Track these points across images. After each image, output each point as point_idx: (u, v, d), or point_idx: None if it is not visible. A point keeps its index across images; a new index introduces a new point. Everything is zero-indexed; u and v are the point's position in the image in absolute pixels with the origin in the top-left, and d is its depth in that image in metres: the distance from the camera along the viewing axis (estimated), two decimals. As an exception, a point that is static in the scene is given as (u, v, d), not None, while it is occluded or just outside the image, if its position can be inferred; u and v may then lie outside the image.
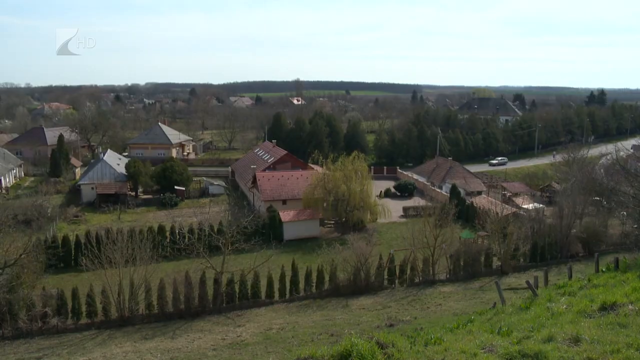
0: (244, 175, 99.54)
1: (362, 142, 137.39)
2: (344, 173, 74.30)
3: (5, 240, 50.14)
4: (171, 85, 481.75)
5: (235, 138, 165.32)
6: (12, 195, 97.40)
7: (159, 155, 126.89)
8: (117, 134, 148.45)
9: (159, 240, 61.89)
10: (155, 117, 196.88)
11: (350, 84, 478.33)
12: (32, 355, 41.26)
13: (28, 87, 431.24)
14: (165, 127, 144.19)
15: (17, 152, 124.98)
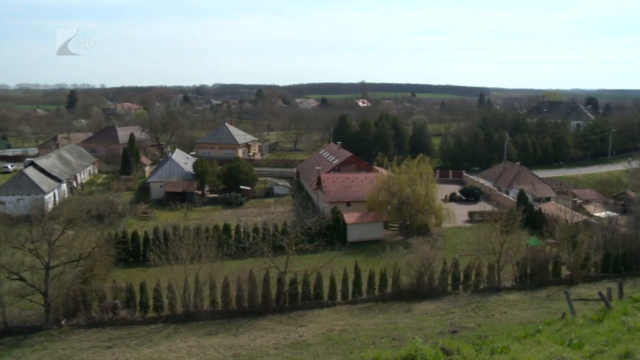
0: (308, 177, 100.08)
1: (427, 145, 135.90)
2: (408, 176, 73.67)
3: (80, 234, 52.24)
4: (238, 86, 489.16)
5: (300, 139, 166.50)
6: (87, 191, 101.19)
7: (226, 155, 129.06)
8: (185, 134, 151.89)
9: (224, 238, 62.99)
10: (222, 118, 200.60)
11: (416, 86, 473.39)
12: (103, 344, 42.83)
13: (103, 88, 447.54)
14: (231, 128, 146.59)
15: (92, 150, 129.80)
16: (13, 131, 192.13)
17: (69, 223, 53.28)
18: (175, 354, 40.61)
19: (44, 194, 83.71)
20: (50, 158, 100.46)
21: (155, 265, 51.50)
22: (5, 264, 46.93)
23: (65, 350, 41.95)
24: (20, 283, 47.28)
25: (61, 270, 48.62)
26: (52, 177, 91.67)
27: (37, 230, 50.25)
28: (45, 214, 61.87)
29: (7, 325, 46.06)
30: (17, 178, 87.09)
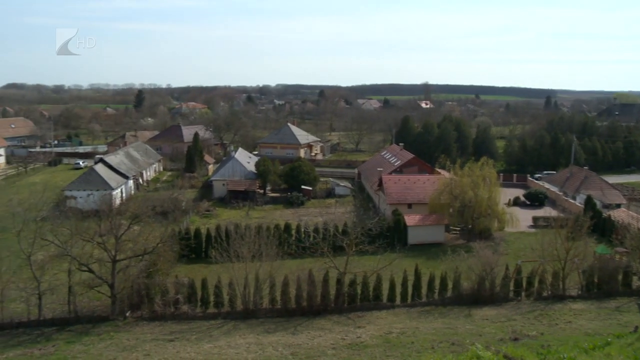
0: (370, 178, 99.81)
1: (491, 148, 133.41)
2: (471, 179, 72.51)
3: (145, 230, 53.69)
4: (301, 86, 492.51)
5: (362, 140, 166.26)
6: (152, 188, 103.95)
7: (288, 154, 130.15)
8: (248, 133, 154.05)
9: (285, 237, 63.59)
10: (285, 118, 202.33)
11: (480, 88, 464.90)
12: (165, 337, 43.97)
13: (169, 88, 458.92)
14: (294, 128, 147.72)
15: (157, 148, 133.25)
16: (84, 129, 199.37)
17: (135, 218, 54.85)
18: (234, 350, 41.24)
19: (112, 189, 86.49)
20: (119, 155, 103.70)
21: (217, 262, 52.52)
22: (76, 256, 48.81)
23: (130, 341, 43.27)
24: (89, 274, 49.12)
25: (127, 264, 50.17)
26: (119, 174, 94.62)
27: (105, 224, 51.92)
28: (113, 209, 63.85)
29: (77, 314, 48.03)
30: (88, 174, 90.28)
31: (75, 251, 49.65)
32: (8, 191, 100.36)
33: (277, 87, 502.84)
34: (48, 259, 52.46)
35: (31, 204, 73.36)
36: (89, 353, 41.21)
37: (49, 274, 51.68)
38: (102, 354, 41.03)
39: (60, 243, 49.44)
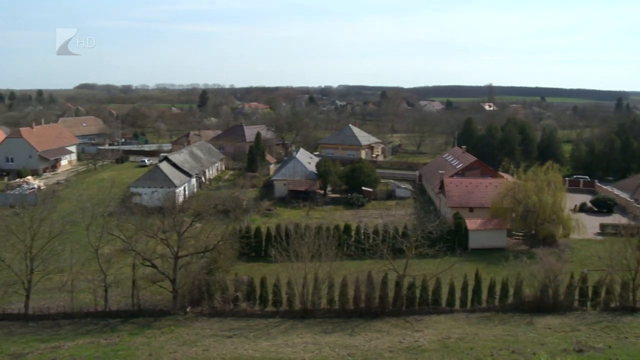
0: (431, 180, 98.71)
1: (557, 152, 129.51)
2: (535, 183, 70.68)
3: (207, 227, 54.72)
4: (362, 87, 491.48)
5: (424, 142, 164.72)
6: (214, 186, 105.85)
7: (349, 155, 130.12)
8: (309, 134, 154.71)
9: (345, 238, 63.54)
10: (346, 119, 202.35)
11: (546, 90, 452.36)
12: (224, 333, 44.71)
13: (232, 88, 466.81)
14: (355, 129, 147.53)
15: (220, 147, 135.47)
16: (150, 128, 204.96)
17: (197, 216, 56.00)
18: (291, 348, 41.52)
19: (175, 187, 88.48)
20: (182, 154, 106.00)
21: (276, 261, 52.98)
22: (140, 251, 50.20)
23: (190, 336, 44.20)
24: (152, 269, 50.45)
25: (188, 260, 51.23)
26: (183, 172, 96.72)
27: (168, 221, 53.19)
28: (176, 206, 65.40)
29: (140, 307, 49.47)
30: (153, 172, 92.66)
31: (139, 246, 51.11)
32: (78, 187, 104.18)
33: (339, 88, 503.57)
34: (114, 253, 54.27)
35: (99, 199, 76.21)
36: (151, 345, 42.32)
37: (115, 268, 53.54)
38: (163, 347, 42.05)
39: (125, 238, 50.98)
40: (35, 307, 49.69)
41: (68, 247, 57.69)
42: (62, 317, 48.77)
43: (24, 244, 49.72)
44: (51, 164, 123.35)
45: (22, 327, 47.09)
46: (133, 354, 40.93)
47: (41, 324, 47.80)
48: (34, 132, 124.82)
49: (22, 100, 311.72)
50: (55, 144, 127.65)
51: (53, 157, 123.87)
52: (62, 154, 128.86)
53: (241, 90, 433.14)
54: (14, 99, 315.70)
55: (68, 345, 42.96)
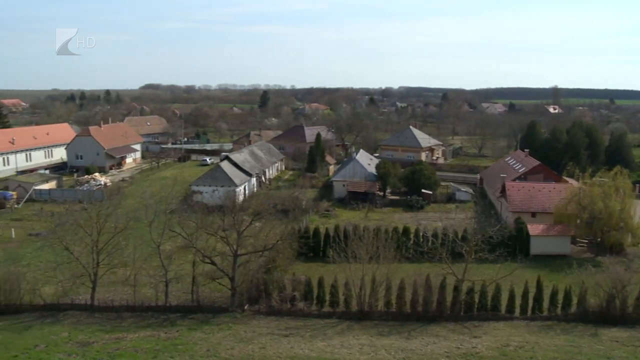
0: (492, 184, 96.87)
1: (626, 157, 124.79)
2: (602, 189, 68.37)
3: (266, 227, 55.24)
4: (423, 89, 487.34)
5: (485, 145, 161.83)
6: (274, 186, 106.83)
7: (409, 157, 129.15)
8: (369, 135, 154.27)
9: (403, 241, 63.11)
10: (407, 120, 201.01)
11: (616, 92, 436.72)
12: (281, 332, 45.05)
13: (292, 89, 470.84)
14: (416, 131, 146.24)
15: (280, 147, 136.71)
16: (212, 127, 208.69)
17: (256, 215, 56.61)
18: (347, 350, 41.48)
19: (236, 186, 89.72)
20: (243, 153, 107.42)
21: (334, 262, 53.07)
22: (200, 248, 51.14)
23: (247, 333, 44.72)
24: (211, 267, 51.31)
25: (247, 258, 51.88)
26: (243, 171, 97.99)
27: (228, 220, 53.92)
28: (236, 205, 66.10)
29: (199, 303, 50.44)
30: (214, 171, 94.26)
31: (200, 244, 52.06)
32: (142, 184, 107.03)
33: (399, 90, 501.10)
34: (175, 249, 55.44)
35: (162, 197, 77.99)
36: (209, 341, 43.05)
37: (176, 264, 54.76)
38: (220, 343, 42.71)
39: (186, 235, 52.03)
40: (101, 299, 51.51)
41: (132, 242, 59.35)
42: (125, 309, 50.30)
43: (91, 238, 51.59)
44: (117, 161, 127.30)
45: (88, 318, 48.90)
46: (191, 348, 41.74)
47: (105, 315, 49.44)
48: (101, 130, 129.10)
49: (91, 100, 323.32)
50: (121, 142, 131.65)
51: (119, 155, 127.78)
52: (128, 152, 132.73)
53: (302, 91, 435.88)
54: (84, 99, 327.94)
55: (130, 337, 44.23)
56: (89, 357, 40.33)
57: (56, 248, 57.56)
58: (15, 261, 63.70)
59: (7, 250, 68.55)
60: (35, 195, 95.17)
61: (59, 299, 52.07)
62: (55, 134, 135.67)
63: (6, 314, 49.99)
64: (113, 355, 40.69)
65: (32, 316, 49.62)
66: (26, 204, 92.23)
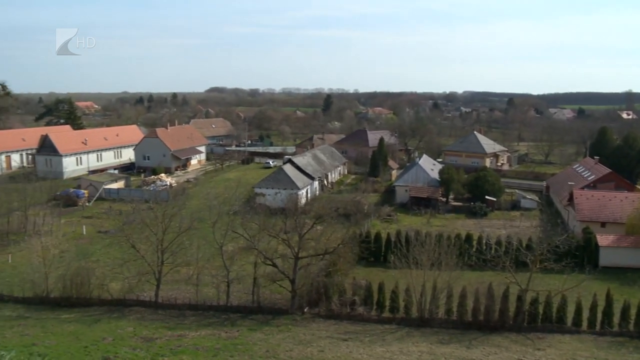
0: (559, 192, 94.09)
1: None
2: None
3: (328, 230, 55.40)
4: (488, 94, 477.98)
5: (552, 152, 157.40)
6: (336, 190, 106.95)
7: (472, 163, 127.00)
8: (432, 140, 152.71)
9: (466, 248, 62.04)
10: (471, 126, 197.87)
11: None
12: (340, 336, 45.03)
13: (356, 93, 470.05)
14: (480, 136, 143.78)
15: (343, 151, 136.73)
16: (275, 130, 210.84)
17: (318, 218, 56.81)
18: (406, 356, 41.08)
19: (298, 189, 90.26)
20: (306, 157, 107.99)
21: (395, 268, 52.65)
22: (262, 250, 51.70)
23: (306, 336, 44.89)
24: (272, 269, 51.80)
25: (308, 261, 52.13)
26: (306, 175, 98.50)
27: (290, 222, 54.35)
28: (298, 208, 66.66)
29: (260, 304, 51.01)
30: (277, 173, 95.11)
31: (261, 245, 52.65)
32: (206, 185, 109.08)
33: (464, 94, 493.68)
34: (237, 250, 56.30)
35: (225, 198, 79.34)
36: (268, 342, 43.41)
37: (237, 265, 55.58)
38: (279, 344, 43.01)
39: (249, 237, 52.74)
40: (164, 297, 52.78)
41: (195, 242, 60.54)
42: (188, 308, 51.41)
43: (156, 237, 52.96)
44: (182, 162, 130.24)
45: (152, 314, 50.27)
46: (251, 348, 42.19)
47: (169, 312, 50.66)
48: (168, 132, 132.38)
49: (159, 102, 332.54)
50: (186, 144, 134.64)
51: (184, 156, 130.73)
52: (193, 153, 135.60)
53: (365, 95, 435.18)
54: (152, 102, 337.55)
55: (192, 335, 45.11)
56: (152, 352, 41.35)
57: (123, 246, 59.48)
58: (85, 257, 66.07)
59: (79, 246, 71.24)
60: (104, 194, 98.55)
61: (125, 294, 53.75)
62: (124, 135, 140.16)
63: (77, 306, 52.43)
64: (175, 351, 41.58)
65: (101, 310, 51.53)
66: (96, 202, 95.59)
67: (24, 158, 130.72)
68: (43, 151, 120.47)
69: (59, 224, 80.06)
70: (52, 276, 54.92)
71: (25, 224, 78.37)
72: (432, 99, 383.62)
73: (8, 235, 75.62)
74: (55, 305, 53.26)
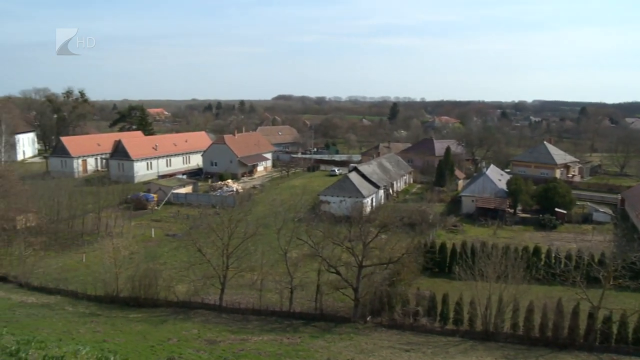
0: (636, 205, 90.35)
1: None
2: None
3: (392, 239, 55.05)
4: (559, 103, 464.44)
5: (628, 163, 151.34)
6: (401, 199, 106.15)
7: (542, 174, 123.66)
8: (500, 150, 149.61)
9: (534, 261, 60.22)
10: (541, 136, 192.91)
11: None
12: (402, 346, 44.52)
13: (422, 101, 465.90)
14: (550, 147, 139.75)
15: (409, 160, 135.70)
16: (341, 138, 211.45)
17: (383, 227, 56.46)
18: (471, 370, 40.20)
19: (363, 197, 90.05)
20: (371, 165, 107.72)
21: (460, 279, 51.78)
22: (326, 258, 51.78)
23: (367, 345, 44.58)
24: (336, 276, 51.81)
25: (372, 270, 51.86)
26: (371, 183, 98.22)
27: (354, 230, 54.24)
28: (363, 216, 66.41)
29: (322, 312, 51.09)
30: (342, 181, 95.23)
31: (325, 253, 52.75)
32: (272, 192, 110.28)
33: (533, 103, 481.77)
34: (301, 257, 56.59)
35: (290, 205, 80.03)
36: (330, 350, 43.34)
37: (301, 271, 55.88)
38: (341, 352, 42.87)
39: (313, 244, 52.95)
40: (228, 301, 53.61)
41: (260, 248, 61.27)
42: (251, 312, 52.04)
43: (222, 242, 53.88)
44: (249, 169, 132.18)
45: (216, 317, 51.13)
46: (312, 355, 42.21)
47: (232, 316, 51.40)
48: (235, 139, 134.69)
49: (227, 109, 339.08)
50: (253, 150, 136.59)
51: (251, 162, 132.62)
52: (259, 160, 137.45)
53: (432, 104, 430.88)
54: (220, 109, 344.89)
55: (254, 339, 45.53)
56: (216, 355, 41.93)
57: (190, 249, 60.85)
58: (153, 259, 67.92)
59: (147, 248, 73.31)
60: (173, 198, 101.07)
61: (191, 297, 54.91)
62: (192, 142, 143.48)
63: (145, 306, 53.98)
64: (238, 355, 42.03)
65: (167, 311, 52.80)
66: (165, 206, 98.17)
67: (99, 162, 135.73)
68: (116, 156, 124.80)
69: (129, 226, 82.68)
70: (122, 276, 56.82)
71: (98, 225, 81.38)
72: (500, 108, 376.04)
73: (82, 235, 78.74)
74: (124, 304, 55.08)
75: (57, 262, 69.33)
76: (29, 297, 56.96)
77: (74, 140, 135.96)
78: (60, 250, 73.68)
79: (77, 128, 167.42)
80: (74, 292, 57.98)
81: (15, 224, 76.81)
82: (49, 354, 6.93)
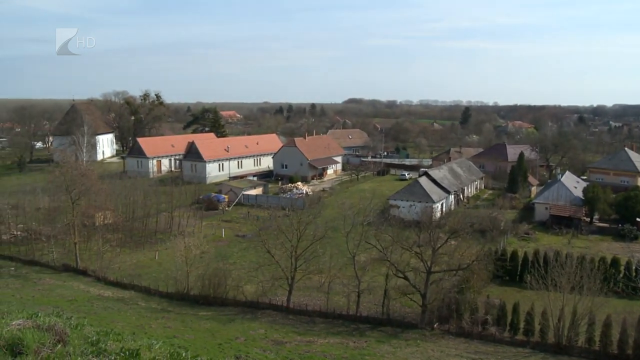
0: None
1: None
2: None
3: (462, 246, 54.12)
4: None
5: None
6: (472, 204, 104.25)
7: (622, 182, 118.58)
8: (577, 156, 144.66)
9: (611, 273, 57.75)
10: (621, 142, 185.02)
11: None
12: (469, 355, 43.71)
13: (495, 106, 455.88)
14: (631, 153, 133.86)
15: (480, 165, 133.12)
16: (412, 142, 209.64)
17: (453, 233, 55.65)
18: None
19: (433, 203, 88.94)
20: (442, 170, 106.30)
21: (531, 289, 50.28)
22: (394, 262, 51.45)
23: (434, 352, 43.97)
24: (404, 281, 51.39)
25: (440, 276, 51.21)
26: (441, 188, 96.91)
27: (424, 236, 53.68)
28: (432, 221, 65.61)
29: (389, 317, 50.84)
30: (412, 186, 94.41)
31: (394, 257, 52.44)
32: (341, 195, 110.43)
33: (613, 108, 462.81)
34: (369, 261, 56.44)
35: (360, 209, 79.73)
36: (396, 355, 43.02)
37: (369, 275, 55.73)
38: (407, 358, 42.53)
39: (381, 248, 52.72)
40: (295, 302, 54.05)
41: (328, 250, 61.46)
42: (318, 315, 52.26)
43: (290, 244, 54.43)
44: (319, 172, 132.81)
45: (283, 318, 51.66)
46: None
47: (299, 318, 51.78)
48: (306, 142, 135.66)
49: (298, 112, 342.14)
50: (323, 153, 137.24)
51: (321, 165, 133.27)
52: (329, 163, 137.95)
53: (505, 108, 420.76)
54: (291, 112, 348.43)
55: (320, 341, 45.71)
56: (282, 355, 42.36)
57: (259, 250, 61.65)
58: (223, 259, 69.26)
59: (218, 248, 74.85)
60: (243, 199, 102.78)
61: (259, 297, 55.69)
62: (263, 144, 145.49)
63: (214, 305, 55.13)
64: (303, 357, 42.31)
65: (235, 310, 53.75)
66: (235, 207, 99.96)
67: (172, 163, 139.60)
68: (189, 157, 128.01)
69: (200, 226, 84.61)
70: (192, 275, 58.25)
71: (171, 224, 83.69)
72: (577, 113, 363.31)
73: (156, 234, 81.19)
74: (194, 302, 56.41)
75: (131, 259, 71.88)
76: (105, 291, 59.35)
77: (150, 141, 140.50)
78: (135, 248, 76.32)
79: (153, 129, 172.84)
80: (147, 288, 59.92)
81: (95, 221, 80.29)
82: (125, 346, 7.19)
